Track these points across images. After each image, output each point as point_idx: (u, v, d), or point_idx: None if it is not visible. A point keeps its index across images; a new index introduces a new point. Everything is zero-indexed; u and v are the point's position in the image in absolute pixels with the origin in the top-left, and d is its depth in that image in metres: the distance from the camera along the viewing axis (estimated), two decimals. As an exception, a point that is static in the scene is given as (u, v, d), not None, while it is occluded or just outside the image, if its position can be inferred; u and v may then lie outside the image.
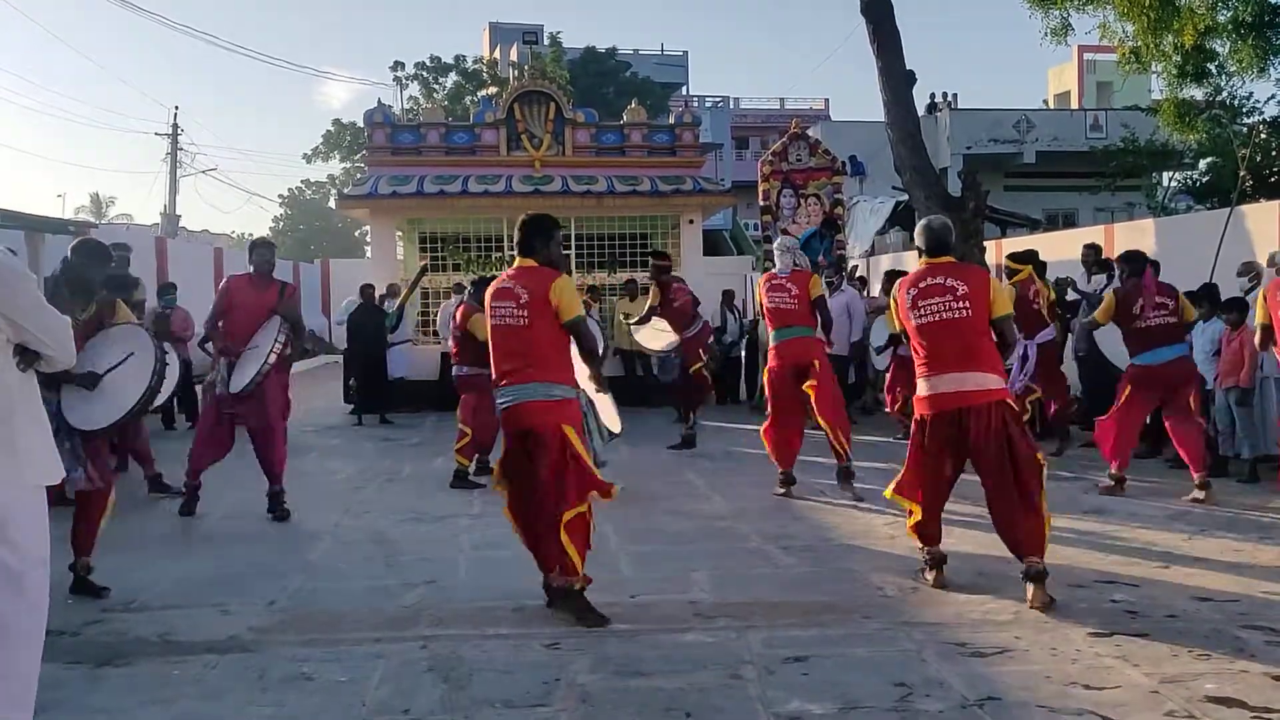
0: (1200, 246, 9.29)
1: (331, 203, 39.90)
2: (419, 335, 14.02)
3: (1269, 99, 36.07)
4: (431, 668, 4.15)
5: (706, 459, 9.25)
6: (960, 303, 4.98)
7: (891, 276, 9.87)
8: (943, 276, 5.05)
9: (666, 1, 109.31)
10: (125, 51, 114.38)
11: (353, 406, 12.75)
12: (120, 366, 5.15)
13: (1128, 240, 10.96)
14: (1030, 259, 9.22)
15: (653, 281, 10.27)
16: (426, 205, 13.98)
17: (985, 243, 12.21)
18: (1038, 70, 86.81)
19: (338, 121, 39.13)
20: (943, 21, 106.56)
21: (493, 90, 30.50)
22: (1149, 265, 7.64)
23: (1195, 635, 4.35)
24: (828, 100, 52.55)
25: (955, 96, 30.35)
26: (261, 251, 7.22)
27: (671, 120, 16.19)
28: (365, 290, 12.82)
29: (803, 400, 7.53)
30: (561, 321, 4.67)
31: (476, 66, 37.12)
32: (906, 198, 13.70)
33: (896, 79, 12.16)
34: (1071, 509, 6.89)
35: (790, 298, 7.53)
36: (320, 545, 6.37)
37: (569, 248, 14.66)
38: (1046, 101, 38.56)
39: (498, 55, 39.54)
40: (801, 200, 14.21)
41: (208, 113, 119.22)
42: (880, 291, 11.90)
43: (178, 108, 75.08)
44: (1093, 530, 6.34)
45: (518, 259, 4.86)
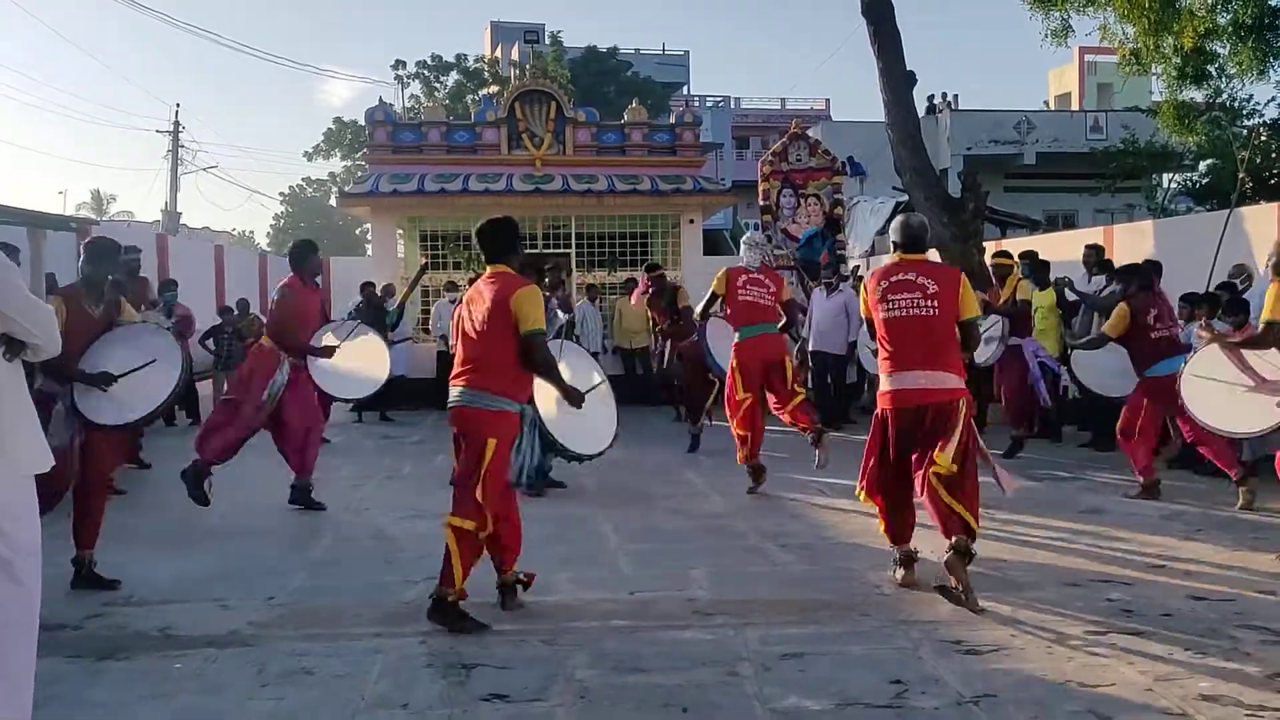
0: (1199, 248, 9.31)
1: (332, 201, 39.84)
2: (419, 334, 14.05)
3: (1269, 101, 36.10)
4: (430, 663, 4.17)
5: (705, 458, 9.28)
6: (929, 301, 4.98)
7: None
8: (915, 273, 5.06)
9: (668, 1, 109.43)
10: (127, 49, 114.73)
11: (353, 404, 12.73)
12: (141, 370, 5.13)
13: (1127, 241, 10.98)
14: (1008, 255, 9.40)
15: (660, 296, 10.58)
16: (427, 203, 14.02)
17: (985, 243, 12.21)
18: (1038, 71, 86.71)
19: (339, 119, 39.19)
20: (943, 21, 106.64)
21: (494, 89, 30.50)
22: (1156, 274, 7.62)
23: (1190, 634, 4.37)
24: (828, 100, 52.48)
25: (956, 97, 30.28)
26: (316, 258, 7.33)
27: (672, 120, 16.20)
28: (366, 288, 12.82)
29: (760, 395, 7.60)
30: (519, 332, 4.62)
31: (478, 65, 37.13)
32: (907, 198, 13.71)
33: (897, 80, 12.16)
34: (1068, 509, 6.92)
35: (769, 294, 7.57)
36: (321, 542, 6.39)
37: (569, 246, 14.71)
38: (1047, 103, 38.51)
39: (499, 54, 39.51)
40: (801, 200, 14.25)
41: (209, 110, 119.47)
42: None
43: (179, 105, 75.37)
44: (1089, 530, 6.36)
45: (489, 266, 4.84)
